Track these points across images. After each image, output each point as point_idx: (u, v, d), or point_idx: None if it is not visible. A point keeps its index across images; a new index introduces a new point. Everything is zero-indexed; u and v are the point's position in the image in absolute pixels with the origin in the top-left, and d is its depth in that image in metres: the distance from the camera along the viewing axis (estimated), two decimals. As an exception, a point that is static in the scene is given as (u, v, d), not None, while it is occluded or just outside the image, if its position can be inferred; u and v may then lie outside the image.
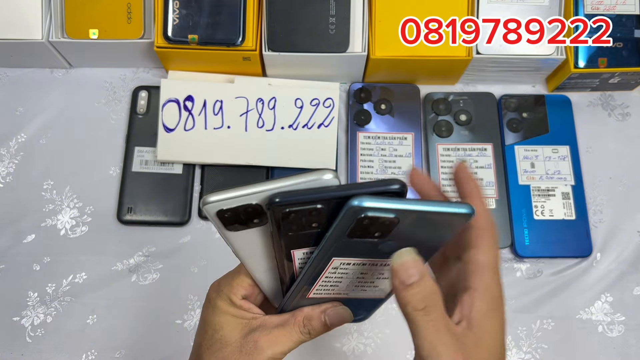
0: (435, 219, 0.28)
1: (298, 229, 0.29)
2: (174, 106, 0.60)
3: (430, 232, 0.29)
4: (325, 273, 0.31)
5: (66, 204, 0.61)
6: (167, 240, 0.60)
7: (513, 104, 0.64)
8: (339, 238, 0.28)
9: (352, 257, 0.30)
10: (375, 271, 0.32)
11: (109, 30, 0.60)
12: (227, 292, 0.36)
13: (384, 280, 0.33)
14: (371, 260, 0.30)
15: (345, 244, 0.28)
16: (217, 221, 0.29)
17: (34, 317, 0.57)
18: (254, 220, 0.30)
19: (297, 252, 0.31)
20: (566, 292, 0.58)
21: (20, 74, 0.66)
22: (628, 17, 0.61)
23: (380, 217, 0.26)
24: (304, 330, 0.34)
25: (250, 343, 0.34)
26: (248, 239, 0.31)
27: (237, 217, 0.29)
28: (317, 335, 0.35)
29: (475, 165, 0.61)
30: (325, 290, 0.33)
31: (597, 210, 0.61)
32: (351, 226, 0.27)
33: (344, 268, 0.31)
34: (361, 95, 0.64)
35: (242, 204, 0.28)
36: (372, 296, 0.35)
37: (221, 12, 0.58)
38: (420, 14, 0.58)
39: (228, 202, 0.28)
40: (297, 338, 0.34)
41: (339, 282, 0.32)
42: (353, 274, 0.31)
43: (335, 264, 0.30)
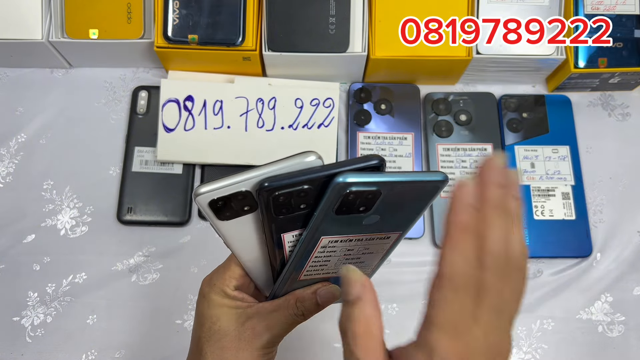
0: (413, 189, 0.29)
1: (288, 212, 0.30)
2: (174, 106, 0.60)
3: (409, 202, 0.30)
4: (314, 253, 0.32)
5: (66, 204, 0.61)
6: (167, 240, 0.60)
7: (513, 104, 0.64)
8: (326, 216, 0.29)
9: (339, 235, 0.31)
10: (361, 246, 0.33)
11: (109, 30, 0.60)
12: (220, 284, 0.37)
13: (368, 255, 0.34)
14: (357, 236, 0.31)
15: (332, 221, 0.29)
16: (209, 212, 0.30)
17: (34, 317, 0.57)
18: (244, 208, 0.31)
19: (287, 235, 0.32)
20: (566, 292, 0.58)
21: (20, 74, 0.66)
22: (628, 17, 0.61)
23: (364, 191, 0.28)
24: (297, 312, 0.36)
25: (248, 330, 0.35)
26: (239, 227, 0.32)
27: (229, 206, 0.30)
28: (311, 315, 0.36)
29: (476, 166, 0.61)
30: (315, 270, 0.34)
31: (597, 210, 0.61)
32: (338, 203, 0.28)
33: (332, 246, 0.32)
34: (361, 95, 0.64)
35: (232, 192, 0.29)
36: None
37: (221, 12, 0.58)
38: (420, 14, 0.58)
39: (219, 191, 0.29)
40: (292, 320, 0.36)
41: (327, 261, 0.34)
42: (340, 251, 0.33)
43: (324, 242, 0.31)
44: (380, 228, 0.31)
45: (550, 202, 0.60)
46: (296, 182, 0.28)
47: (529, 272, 0.59)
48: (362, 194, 0.28)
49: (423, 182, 0.29)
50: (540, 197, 0.60)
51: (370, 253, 0.34)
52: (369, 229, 0.31)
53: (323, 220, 0.29)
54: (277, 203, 0.29)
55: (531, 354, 0.56)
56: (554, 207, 0.60)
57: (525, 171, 0.61)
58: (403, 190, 0.29)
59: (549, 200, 0.60)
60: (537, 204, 0.60)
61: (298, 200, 0.29)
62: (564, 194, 0.60)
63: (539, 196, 0.60)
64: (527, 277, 0.26)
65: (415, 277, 0.59)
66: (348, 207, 0.29)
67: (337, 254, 0.33)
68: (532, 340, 0.57)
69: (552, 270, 0.59)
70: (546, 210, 0.60)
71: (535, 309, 0.58)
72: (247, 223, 0.32)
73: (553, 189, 0.61)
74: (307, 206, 0.30)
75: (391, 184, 0.28)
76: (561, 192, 0.61)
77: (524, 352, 0.56)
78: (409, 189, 0.29)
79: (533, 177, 0.61)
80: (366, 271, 0.36)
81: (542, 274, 0.59)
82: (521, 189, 0.28)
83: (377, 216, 0.30)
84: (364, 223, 0.30)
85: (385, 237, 0.33)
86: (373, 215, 0.30)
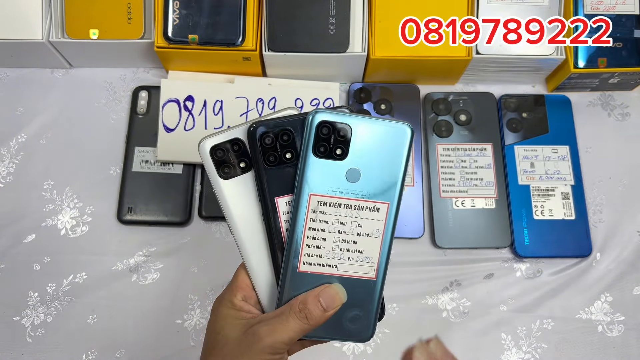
0: (381, 132, 0.34)
1: (276, 161, 0.34)
2: (174, 106, 0.60)
3: (383, 153, 0.34)
4: (307, 221, 0.35)
5: (66, 204, 0.61)
6: (167, 240, 0.60)
7: (513, 104, 0.64)
8: (308, 158, 0.34)
9: (327, 194, 0.34)
10: (354, 222, 0.35)
11: (109, 30, 0.60)
12: (228, 296, 0.37)
13: (365, 239, 0.35)
14: (345, 198, 0.35)
15: (315, 169, 0.34)
16: (210, 165, 0.35)
17: (34, 316, 0.57)
18: (240, 164, 0.35)
19: (280, 200, 0.35)
20: (566, 292, 0.58)
21: (20, 74, 0.66)
22: (628, 17, 0.61)
23: (335, 123, 0.34)
24: (300, 315, 0.35)
25: (249, 335, 0.35)
26: (238, 189, 0.35)
27: (227, 159, 0.35)
28: (317, 321, 0.35)
29: (475, 165, 0.61)
30: (312, 254, 0.35)
31: (596, 210, 0.61)
32: (313, 136, 0.33)
33: (323, 211, 0.35)
34: (361, 95, 0.64)
35: (229, 139, 0.35)
36: (360, 273, 0.36)
37: (221, 12, 0.58)
38: (420, 14, 0.58)
39: (218, 138, 0.35)
40: (295, 326, 0.35)
41: (322, 239, 0.35)
42: (333, 223, 0.35)
43: (313, 204, 0.34)
44: (364, 191, 0.34)
45: (550, 202, 0.60)
46: (279, 124, 0.34)
47: (529, 272, 0.59)
48: (334, 127, 0.34)
49: (388, 126, 0.34)
50: (539, 197, 0.60)
51: (365, 235, 0.35)
52: (355, 192, 0.34)
53: (305, 163, 0.34)
54: (265, 146, 0.34)
55: (531, 353, 0.56)
56: (553, 207, 0.60)
57: (525, 171, 0.61)
58: (371, 132, 0.34)
59: (548, 200, 0.60)
60: (536, 204, 0.60)
61: (283, 146, 0.34)
62: (564, 194, 0.60)
63: (539, 196, 0.60)
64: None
65: (415, 277, 0.59)
66: (324, 145, 0.34)
67: (330, 228, 0.35)
68: (532, 340, 0.57)
69: (551, 270, 0.59)
70: (546, 210, 0.60)
71: (535, 309, 0.58)
72: (245, 187, 0.35)
73: (553, 189, 0.61)
74: (292, 157, 0.34)
75: (357, 120, 0.34)
76: (561, 192, 0.61)
77: (524, 352, 0.56)
78: (377, 133, 0.34)
79: (533, 177, 0.61)
80: (370, 270, 0.36)
81: (541, 273, 0.59)
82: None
83: (356, 169, 0.34)
84: (346, 178, 0.34)
85: (374, 208, 0.35)
86: (353, 168, 0.34)
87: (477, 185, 0.60)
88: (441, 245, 0.59)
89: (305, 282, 0.36)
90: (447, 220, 0.59)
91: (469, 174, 0.61)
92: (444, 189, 0.60)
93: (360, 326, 0.37)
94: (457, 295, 0.58)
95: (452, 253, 0.60)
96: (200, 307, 0.58)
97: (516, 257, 0.60)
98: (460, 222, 0.59)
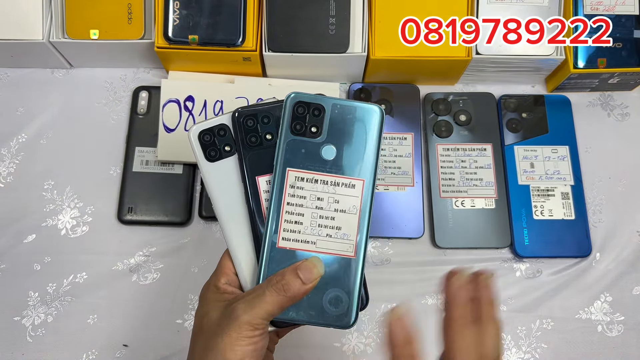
0: (353, 114, 0.37)
1: (257, 142, 0.37)
2: (174, 106, 0.61)
3: (355, 132, 0.37)
4: (285, 196, 0.37)
5: (67, 204, 0.61)
6: (167, 240, 0.60)
7: (512, 104, 0.64)
8: (285, 134, 0.36)
9: (303, 169, 0.37)
10: (330, 198, 0.37)
11: (110, 30, 0.60)
12: (213, 281, 0.38)
13: (342, 215, 0.37)
14: (321, 174, 0.37)
15: (292, 146, 0.36)
16: (198, 148, 0.38)
17: (34, 316, 0.57)
18: (225, 148, 0.38)
19: (261, 179, 0.38)
20: (566, 292, 0.58)
21: (20, 74, 0.66)
22: (627, 17, 0.61)
23: (309, 103, 0.37)
24: (277, 287, 0.34)
25: (227, 314, 0.34)
26: (222, 171, 0.38)
27: (213, 143, 0.38)
28: (294, 293, 0.34)
29: (475, 166, 0.61)
30: (291, 229, 0.37)
31: (596, 210, 0.61)
32: (290, 115, 0.36)
33: (300, 186, 0.37)
34: (361, 95, 0.64)
35: (216, 124, 0.38)
36: (339, 251, 0.37)
37: (221, 12, 0.58)
38: (420, 14, 0.58)
39: (206, 124, 0.38)
40: (273, 298, 0.34)
41: (301, 216, 0.37)
42: (310, 198, 0.37)
43: (291, 179, 0.36)
44: (339, 167, 0.37)
45: (549, 202, 0.60)
46: (261, 109, 0.37)
47: (529, 272, 0.59)
48: (309, 107, 0.37)
49: (359, 106, 0.37)
50: (539, 197, 0.60)
51: (343, 212, 0.37)
52: (331, 169, 0.37)
53: (284, 142, 0.36)
54: (247, 128, 0.37)
55: (531, 353, 0.56)
56: (553, 207, 0.60)
57: (525, 171, 0.61)
58: (344, 112, 0.37)
59: (548, 200, 0.60)
60: (536, 204, 0.60)
61: (264, 128, 0.37)
62: (564, 194, 0.61)
63: (539, 196, 0.60)
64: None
65: (415, 277, 0.59)
66: (300, 123, 0.36)
67: (308, 204, 0.37)
68: (532, 339, 0.57)
69: (551, 270, 0.59)
70: (545, 210, 0.60)
71: (535, 308, 0.58)
72: (228, 169, 0.38)
73: (552, 189, 0.61)
74: (272, 138, 0.37)
75: (331, 101, 0.37)
76: (560, 192, 0.61)
77: (524, 352, 0.56)
78: (350, 113, 0.37)
79: (532, 177, 0.61)
80: (348, 247, 0.37)
81: (541, 273, 0.59)
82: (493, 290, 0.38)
83: (332, 147, 0.37)
84: (322, 155, 0.37)
85: (350, 184, 0.37)
86: (328, 146, 0.37)
87: (477, 185, 0.60)
88: (441, 245, 0.59)
89: (285, 259, 0.36)
90: (447, 221, 0.59)
91: (468, 174, 0.61)
92: (444, 189, 0.60)
93: (341, 310, 0.37)
94: (457, 295, 0.58)
95: (452, 253, 0.60)
96: (201, 307, 0.58)
97: (516, 257, 0.60)
98: (460, 222, 0.59)
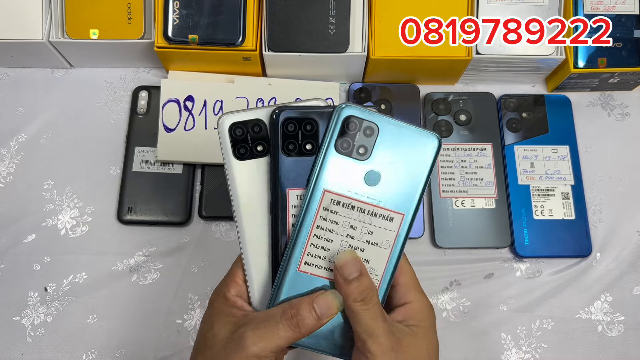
0: (408, 139, 0.33)
1: (295, 150, 0.33)
2: (174, 106, 0.60)
3: (407, 158, 0.33)
4: (317, 218, 0.33)
5: (66, 204, 0.61)
6: (167, 240, 0.60)
7: (513, 104, 0.64)
8: (328, 151, 0.32)
9: (341, 193, 0.33)
10: (364, 227, 0.34)
11: (110, 30, 0.60)
12: (222, 289, 0.36)
13: (373, 248, 0.34)
14: (359, 201, 0.33)
15: (334, 165, 0.33)
16: (227, 142, 0.34)
17: (34, 316, 0.57)
18: (257, 147, 0.34)
19: (292, 193, 0.34)
20: (566, 292, 0.58)
21: (20, 74, 0.66)
22: (627, 17, 0.61)
23: (362, 120, 0.32)
24: (292, 322, 0.33)
25: (235, 340, 0.33)
26: (248, 173, 0.34)
27: (245, 137, 0.34)
28: (308, 329, 0.33)
29: (475, 165, 0.61)
30: (316, 254, 0.34)
31: (596, 210, 0.61)
32: (339, 128, 0.32)
33: (334, 210, 0.33)
34: (361, 95, 0.64)
35: (251, 118, 0.34)
36: None
37: (221, 12, 0.58)
38: (420, 14, 0.58)
39: (240, 115, 0.34)
40: (284, 333, 0.33)
41: (329, 240, 0.34)
42: (343, 224, 0.34)
43: (326, 200, 0.33)
44: (380, 196, 0.33)
45: (549, 202, 0.60)
46: (305, 112, 0.33)
47: (529, 272, 0.59)
48: (361, 124, 0.32)
49: (417, 133, 0.33)
50: (539, 197, 0.60)
51: (374, 245, 0.34)
52: (371, 196, 0.33)
53: (325, 159, 0.32)
54: (286, 133, 0.33)
55: (531, 353, 0.56)
56: (553, 206, 0.60)
57: (525, 171, 0.61)
58: (398, 135, 0.33)
59: (548, 200, 0.60)
60: (536, 204, 0.60)
61: (305, 136, 0.33)
62: (564, 194, 0.60)
63: (539, 196, 0.60)
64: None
65: (415, 276, 0.59)
66: (348, 141, 0.32)
67: (339, 231, 0.33)
68: (532, 340, 0.57)
69: (551, 270, 0.59)
70: (546, 210, 0.60)
71: (535, 308, 0.58)
72: (257, 172, 0.34)
73: (553, 189, 0.61)
74: (312, 149, 0.33)
75: (386, 121, 0.33)
76: (561, 191, 0.61)
77: (524, 352, 0.56)
78: (405, 138, 0.33)
79: (533, 177, 0.61)
80: (374, 282, 0.35)
81: (541, 273, 0.59)
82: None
83: (376, 172, 0.33)
84: (365, 180, 0.33)
85: (388, 217, 0.33)
86: (373, 171, 0.33)
87: (477, 185, 0.60)
88: (441, 245, 0.59)
89: (303, 284, 0.34)
90: (447, 220, 0.59)
91: (468, 174, 0.61)
92: (444, 189, 0.60)
93: (352, 343, 0.34)
94: (457, 295, 0.58)
95: (452, 253, 0.60)
96: (200, 307, 0.58)
97: (516, 257, 0.60)
98: (460, 222, 0.59)
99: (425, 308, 0.36)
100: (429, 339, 0.35)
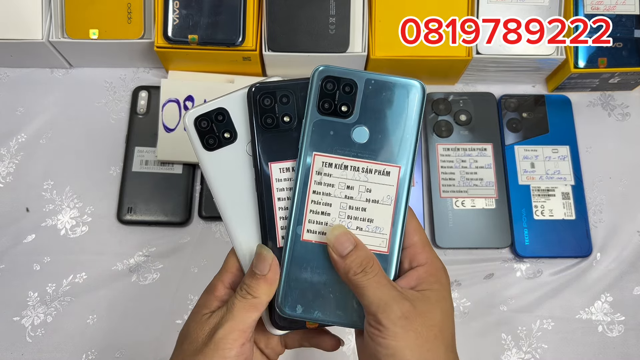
0: (390, 90, 0.33)
1: (273, 124, 0.33)
2: (174, 106, 0.60)
3: (391, 112, 0.33)
4: (311, 183, 0.33)
5: (66, 204, 0.61)
6: (167, 240, 0.60)
7: (513, 104, 0.64)
8: (311, 114, 0.32)
9: (332, 154, 0.33)
10: (362, 186, 0.33)
11: (109, 30, 0.60)
12: (215, 279, 0.36)
13: (374, 206, 0.33)
14: (351, 159, 0.33)
15: (319, 128, 0.32)
16: (195, 137, 0.34)
17: (34, 317, 0.57)
18: (225, 135, 0.34)
19: (274, 166, 0.34)
20: (566, 292, 0.58)
21: (20, 74, 0.66)
22: (628, 17, 0.61)
23: (340, 78, 0.32)
24: (241, 293, 0.33)
25: (206, 329, 0.33)
26: (221, 161, 0.35)
27: (211, 129, 0.34)
28: (260, 292, 0.32)
29: (475, 165, 0.61)
30: (317, 221, 0.33)
31: (597, 210, 0.61)
32: (318, 91, 0.32)
33: (328, 173, 0.33)
34: (361, 95, 0.64)
35: (213, 109, 0.34)
36: (371, 246, 0.33)
37: (221, 12, 0.58)
38: (420, 14, 0.58)
39: (202, 108, 0.34)
40: (240, 304, 0.32)
41: (328, 204, 0.33)
42: (339, 186, 0.33)
43: (318, 164, 0.33)
44: (373, 152, 0.33)
45: (550, 202, 0.60)
46: (279, 86, 0.33)
47: (529, 272, 0.59)
48: (339, 82, 0.32)
49: (398, 82, 0.33)
50: (540, 197, 0.60)
51: (375, 202, 0.33)
52: (362, 153, 0.33)
53: (310, 123, 0.32)
54: (263, 107, 0.33)
55: (531, 353, 0.56)
56: (553, 207, 0.60)
57: (525, 171, 0.61)
58: (379, 88, 0.32)
59: (548, 200, 0.60)
60: (537, 204, 0.60)
61: (282, 108, 0.33)
62: (564, 194, 0.60)
63: (539, 196, 0.60)
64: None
65: (415, 277, 0.59)
66: (329, 101, 0.32)
67: (336, 193, 0.33)
68: (532, 340, 0.57)
69: (552, 270, 0.59)
70: (546, 210, 0.60)
71: (535, 309, 0.58)
72: (229, 158, 0.34)
73: (553, 189, 0.61)
74: (291, 120, 0.33)
75: (363, 75, 0.32)
76: (561, 192, 0.61)
77: (524, 352, 0.56)
78: (386, 89, 0.33)
79: (533, 177, 0.61)
80: (382, 242, 0.34)
81: (542, 273, 0.59)
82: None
83: (364, 129, 0.33)
84: (353, 138, 0.33)
85: (384, 171, 0.33)
86: (360, 127, 0.33)
87: (477, 185, 0.60)
88: (441, 245, 0.59)
89: (311, 253, 0.33)
90: (447, 221, 0.59)
91: (469, 174, 0.61)
92: (444, 189, 0.60)
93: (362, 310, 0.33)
94: (457, 295, 0.58)
95: (452, 253, 0.60)
96: (200, 307, 0.58)
97: (516, 257, 0.60)
98: (460, 222, 0.59)
99: (439, 270, 0.33)
100: (444, 304, 0.32)
